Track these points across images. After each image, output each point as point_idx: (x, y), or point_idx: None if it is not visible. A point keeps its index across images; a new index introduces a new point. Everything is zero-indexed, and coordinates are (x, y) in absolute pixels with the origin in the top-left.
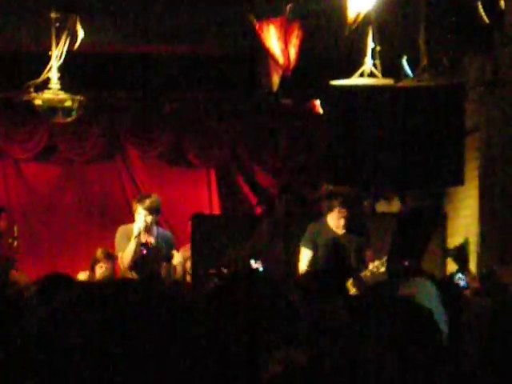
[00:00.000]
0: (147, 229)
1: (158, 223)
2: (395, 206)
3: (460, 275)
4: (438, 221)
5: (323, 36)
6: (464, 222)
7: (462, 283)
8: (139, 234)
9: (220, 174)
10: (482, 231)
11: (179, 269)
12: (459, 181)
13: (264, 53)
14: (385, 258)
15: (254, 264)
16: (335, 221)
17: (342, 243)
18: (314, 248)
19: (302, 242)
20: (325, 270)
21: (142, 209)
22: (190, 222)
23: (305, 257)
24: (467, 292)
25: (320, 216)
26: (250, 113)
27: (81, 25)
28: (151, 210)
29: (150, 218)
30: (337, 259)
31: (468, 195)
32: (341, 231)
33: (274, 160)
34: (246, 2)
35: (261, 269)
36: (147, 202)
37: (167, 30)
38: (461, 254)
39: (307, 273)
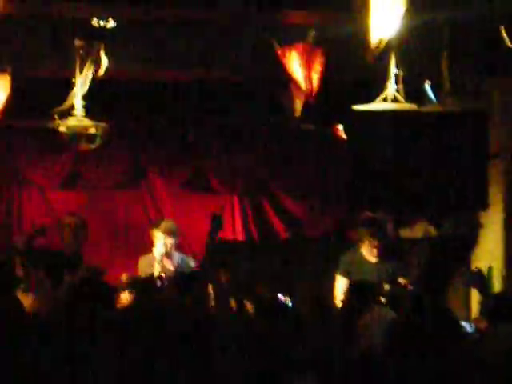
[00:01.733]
0: (167, 253)
1: (180, 249)
2: (417, 231)
3: (465, 323)
4: (470, 248)
5: (346, 61)
6: (488, 247)
7: (468, 329)
8: (162, 258)
9: (244, 201)
10: (507, 256)
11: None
12: (483, 205)
13: (286, 79)
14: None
15: (281, 297)
16: (367, 249)
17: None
18: (349, 276)
19: (338, 270)
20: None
21: (160, 232)
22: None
23: (340, 285)
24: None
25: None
26: (273, 138)
27: (105, 52)
28: (168, 233)
29: (168, 241)
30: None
31: (492, 220)
32: (374, 260)
33: (298, 185)
34: (269, 27)
35: (290, 304)
36: (163, 225)
37: (191, 56)
38: (481, 280)
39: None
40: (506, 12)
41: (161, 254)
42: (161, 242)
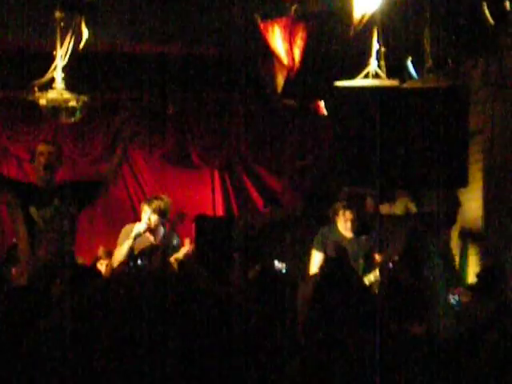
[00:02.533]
0: (151, 230)
1: (165, 226)
2: (398, 208)
3: (452, 295)
4: (450, 225)
5: (328, 37)
6: (468, 225)
7: (452, 301)
8: (138, 234)
9: (224, 175)
10: (486, 233)
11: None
12: (463, 182)
13: (268, 53)
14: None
15: (277, 264)
16: (342, 224)
17: (343, 248)
18: (324, 251)
19: (314, 246)
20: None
21: (148, 209)
22: (193, 224)
23: (316, 260)
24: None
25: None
26: (253, 113)
27: (85, 24)
28: (156, 211)
29: (153, 219)
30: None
31: (472, 197)
32: (349, 234)
33: (278, 161)
34: (251, 2)
35: (284, 270)
36: (155, 202)
37: (171, 30)
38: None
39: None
40: None
41: (139, 230)
42: (146, 217)
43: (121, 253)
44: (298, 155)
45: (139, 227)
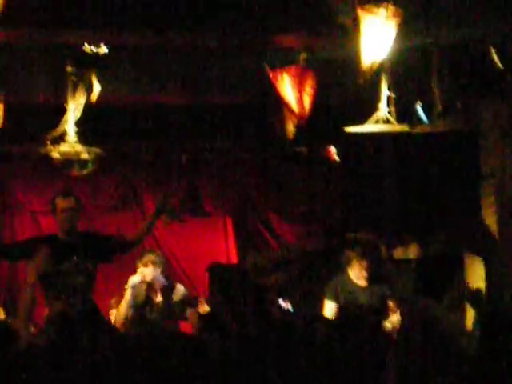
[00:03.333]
0: (147, 282)
1: (168, 278)
2: (412, 252)
3: None
4: (458, 266)
5: (337, 84)
6: (482, 267)
7: None
8: (133, 286)
9: (237, 222)
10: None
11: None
12: (476, 225)
13: (278, 101)
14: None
15: (282, 303)
16: (356, 272)
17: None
18: (337, 301)
19: (326, 295)
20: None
21: (139, 263)
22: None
23: (329, 310)
24: None
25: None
26: (264, 161)
27: (96, 77)
28: (147, 264)
29: (146, 272)
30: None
31: None
32: (362, 283)
33: (290, 207)
34: (260, 51)
35: (291, 309)
36: (145, 256)
37: (181, 81)
38: (477, 298)
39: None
40: (496, 34)
41: (135, 281)
42: (139, 270)
43: (121, 310)
44: (310, 201)
45: (134, 279)
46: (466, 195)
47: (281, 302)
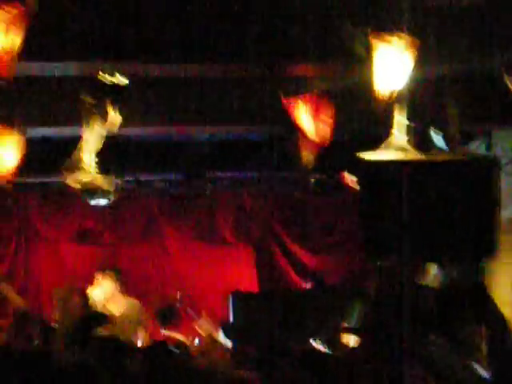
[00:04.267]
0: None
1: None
2: (429, 279)
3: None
4: (478, 295)
5: (355, 112)
6: (501, 293)
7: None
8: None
9: (258, 251)
10: None
11: (207, 340)
12: (493, 253)
13: (295, 130)
14: None
15: (315, 344)
16: None
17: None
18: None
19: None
20: None
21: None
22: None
23: (352, 336)
24: None
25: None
26: (285, 190)
27: (116, 108)
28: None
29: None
30: None
31: (503, 269)
32: None
33: (311, 237)
34: (276, 80)
35: (326, 350)
36: (106, 273)
37: (200, 111)
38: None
39: None
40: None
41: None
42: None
43: None
44: (330, 230)
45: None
46: (482, 223)
47: (313, 342)
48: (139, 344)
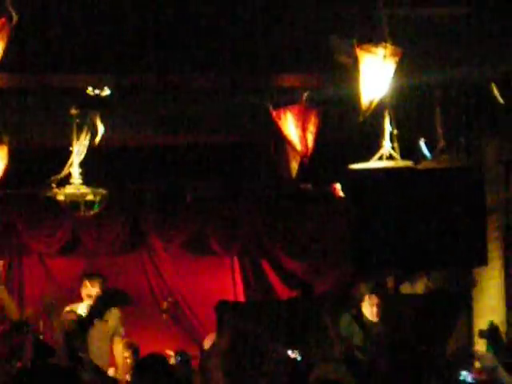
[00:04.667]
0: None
1: None
2: (419, 287)
3: (465, 373)
4: (465, 302)
5: (340, 121)
6: (490, 303)
7: (468, 379)
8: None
9: (244, 261)
10: (508, 311)
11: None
12: (483, 261)
13: (281, 140)
14: None
15: (291, 354)
16: (368, 309)
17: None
18: (351, 338)
19: (342, 334)
20: None
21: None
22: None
23: None
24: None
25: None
26: (270, 199)
27: (100, 119)
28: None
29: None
30: None
31: (492, 276)
32: (375, 319)
33: (297, 245)
34: (263, 90)
35: (299, 358)
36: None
37: (185, 121)
38: (494, 335)
39: None
40: (497, 71)
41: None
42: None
43: None
44: (317, 238)
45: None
46: (470, 230)
47: (289, 352)
48: (114, 351)
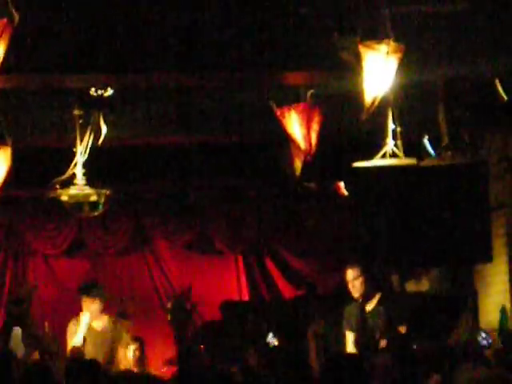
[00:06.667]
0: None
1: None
2: (424, 285)
3: (484, 334)
4: (469, 299)
5: (344, 119)
6: (496, 299)
7: (484, 342)
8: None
9: (248, 259)
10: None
11: None
12: (488, 257)
13: (286, 139)
14: None
15: (270, 339)
16: (350, 284)
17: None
18: (352, 329)
19: (344, 326)
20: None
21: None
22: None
23: (350, 339)
24: (488, 351)
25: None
26: (274, 198)
27: (104, 120)
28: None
29: (92, 306)
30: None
31: (498, 271)
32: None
33: (302, 243)
34: (267, 88)
35: (276, 343)
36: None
37: (189, 120)
38: (503, 330)
39: None
40: (501, 67)
41: (87, 318)
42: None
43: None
44: (322, 236)
45: (85, 315)
46: (475, 227)
47: (270, 336)
48: (118, 361)
